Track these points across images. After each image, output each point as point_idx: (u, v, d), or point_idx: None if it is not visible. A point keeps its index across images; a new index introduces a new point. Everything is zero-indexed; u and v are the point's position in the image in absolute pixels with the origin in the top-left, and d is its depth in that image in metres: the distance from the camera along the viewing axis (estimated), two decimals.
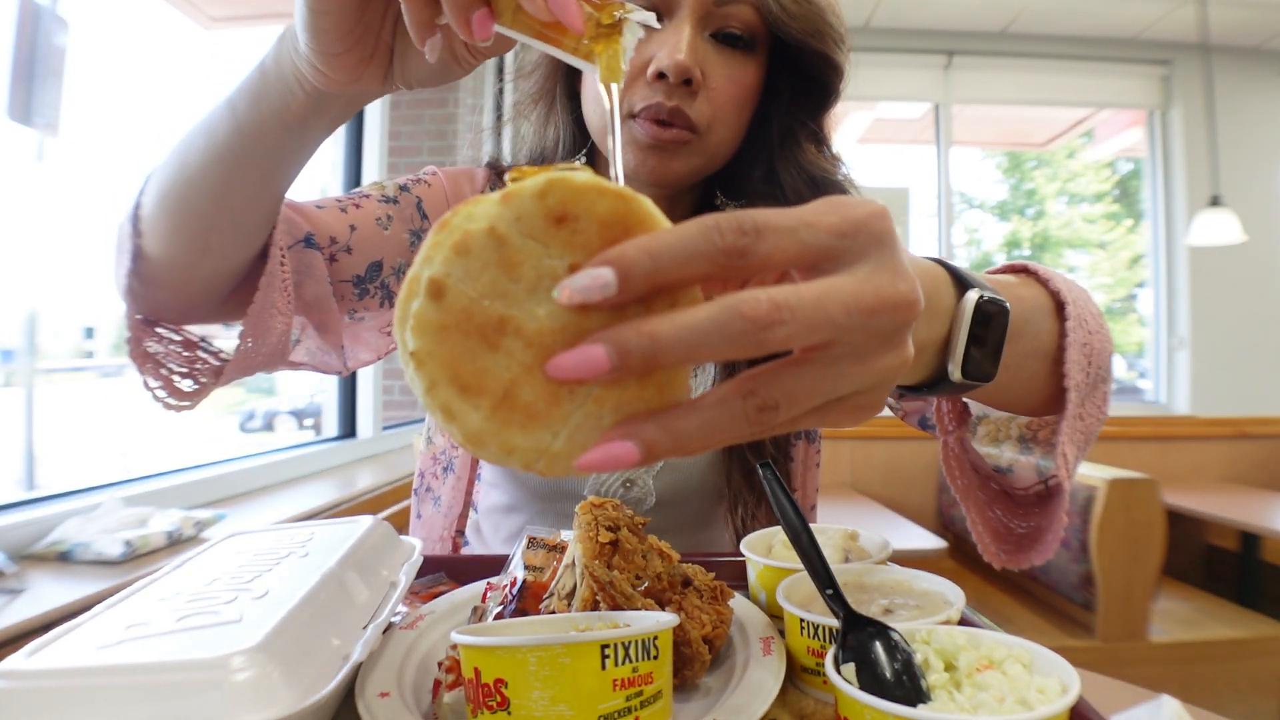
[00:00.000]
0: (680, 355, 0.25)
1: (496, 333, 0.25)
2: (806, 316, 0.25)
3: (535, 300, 0.25)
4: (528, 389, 0.25)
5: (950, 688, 0.36)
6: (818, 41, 0.69)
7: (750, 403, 0.26)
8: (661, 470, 0.77)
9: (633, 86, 0.68)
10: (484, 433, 0.25)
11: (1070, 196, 4.51)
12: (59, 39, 1.24)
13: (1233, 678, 2.14)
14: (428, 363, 0.25)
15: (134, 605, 0.43)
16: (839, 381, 0.28)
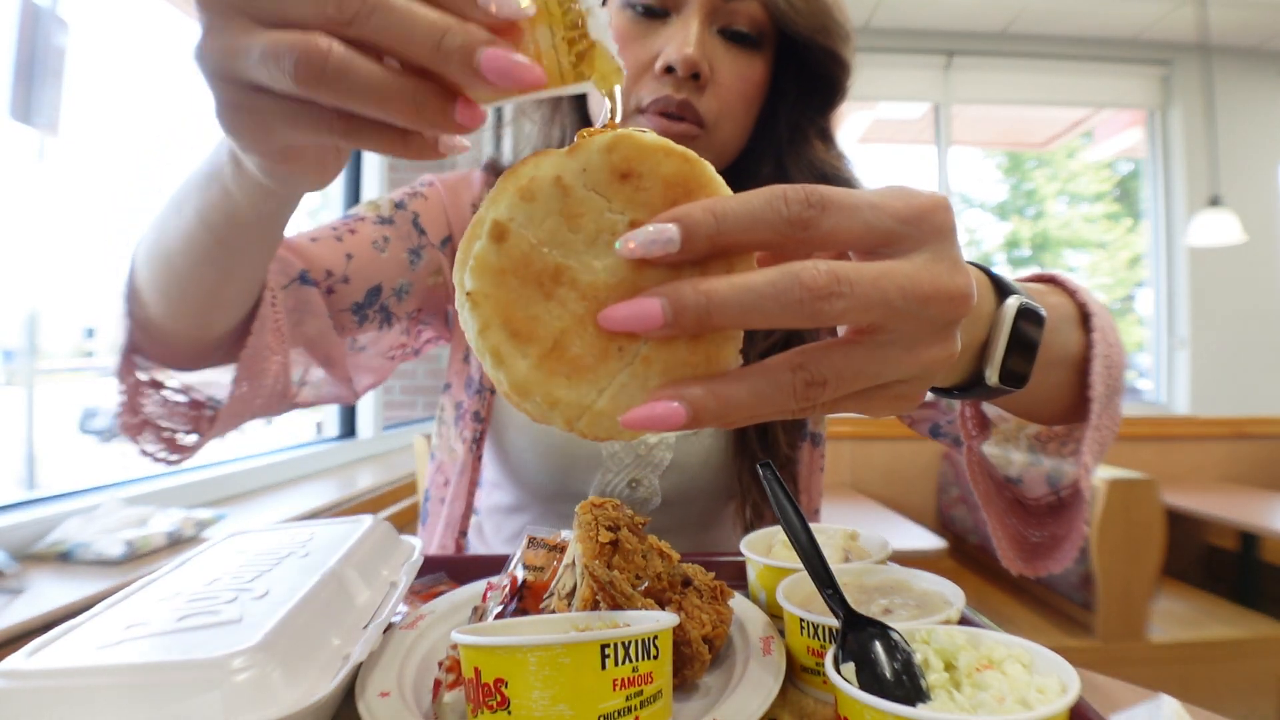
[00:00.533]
0: (734, 316, 0.25)
1: (553, 281, 0.25)
2: (864, 293, 0.26)
3: (593, 253, 0.25)
4: (578, 342, 0.25)
5: (950, 687, 0.37)
6: (824, 38, 0.69)
7: (799, 376, 0.26)
8: (668, 471, 0.77)
9: (640, 81, 0.69)
10: (530, 382, 0.25)
11: (1070, 196, 4.51)
12: (59, 39, 1.24)
13: (1232, 678, 2.14)
14: (483, 304, 0.25)
15: (134, 605, 0.43)
16: (885, 366, 0.28)
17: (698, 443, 0.76)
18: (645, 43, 0.69)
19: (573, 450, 0.76)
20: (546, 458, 0.76)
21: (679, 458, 0.76)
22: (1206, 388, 3.45)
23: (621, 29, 0.70)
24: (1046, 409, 0.50)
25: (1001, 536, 0.56)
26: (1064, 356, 0.46)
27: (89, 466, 1.38)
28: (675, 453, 0.76)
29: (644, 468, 0.76)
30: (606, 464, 0.76)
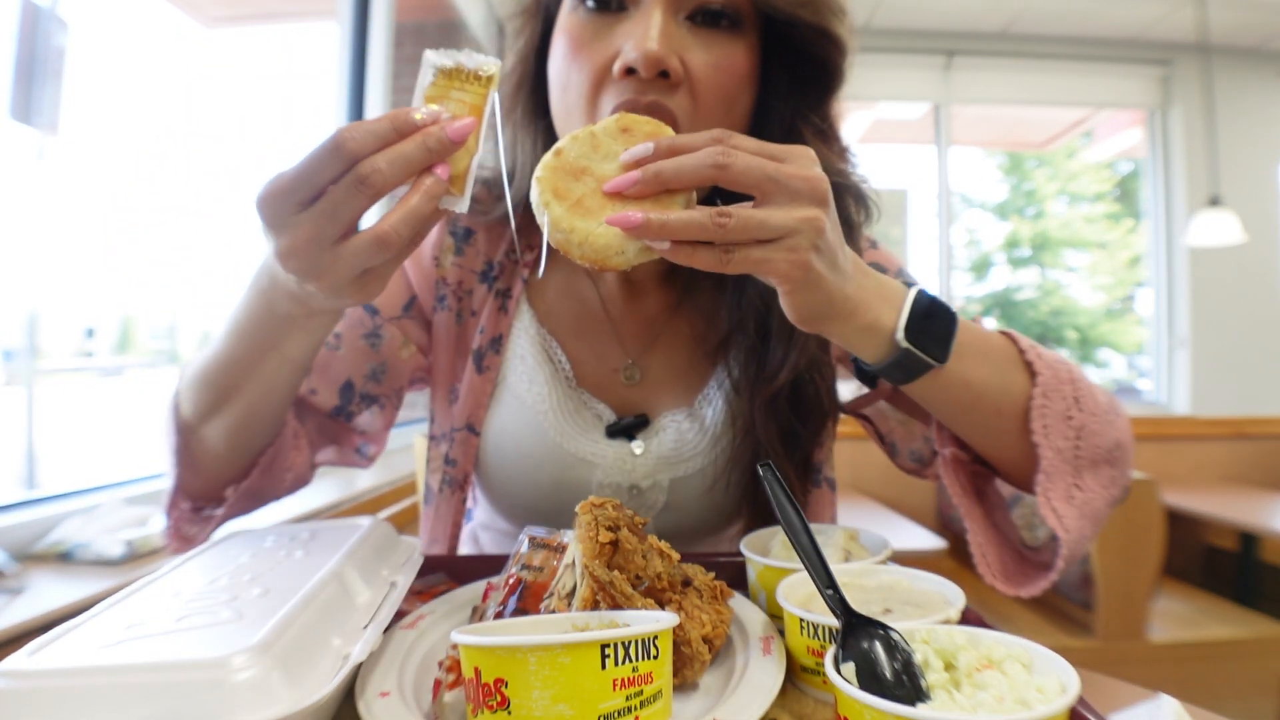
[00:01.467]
0: (673, 175, 0.44)
1: (581, 174, 0.47)
2: (743, 163, 0.44)
3: (604, 162, 0.48)
4: (590, 200, 0.46)
5: (950, 687, 0.37)
6: (810, 13, 0.60)
7: (713, 211, 0.43)
8: (662, 512, 0.73)
9: (600, 91, 0.60)
10: (561, 218, 0.45)
11: (1070, 196, 4.51)
12: (59, 39, 1.24)
13: (1232, 678, 2.14)
14: (542, 183, 0.47)
15: (134, 605, 0.43)
16: (769, 216, 0.43)
17: (692, 486, 0.72)
18: (601, 43, 0.60)
19: (563, 496, 0.71)
20: (537, 504, 0.73)
21: (674, 499, 0.72)
22: (1206, 388, 3.45)
23: (574, 31, 0.62)
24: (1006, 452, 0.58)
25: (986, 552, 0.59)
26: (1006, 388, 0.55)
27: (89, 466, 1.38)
28: (669, 495, 0.72)
29: (638, 510, 0.72)
30: None
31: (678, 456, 0.72)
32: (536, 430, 0.72)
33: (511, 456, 0.73)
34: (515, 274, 0.78)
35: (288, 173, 0.43)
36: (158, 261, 2.11)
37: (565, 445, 0.71)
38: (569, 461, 0.71)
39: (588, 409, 0.73)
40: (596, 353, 0.76)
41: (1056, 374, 0.55)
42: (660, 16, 0.58)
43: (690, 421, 0.72)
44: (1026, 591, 0.58)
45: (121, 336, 2.19)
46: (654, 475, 0.72)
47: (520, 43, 0.70)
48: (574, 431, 0.72)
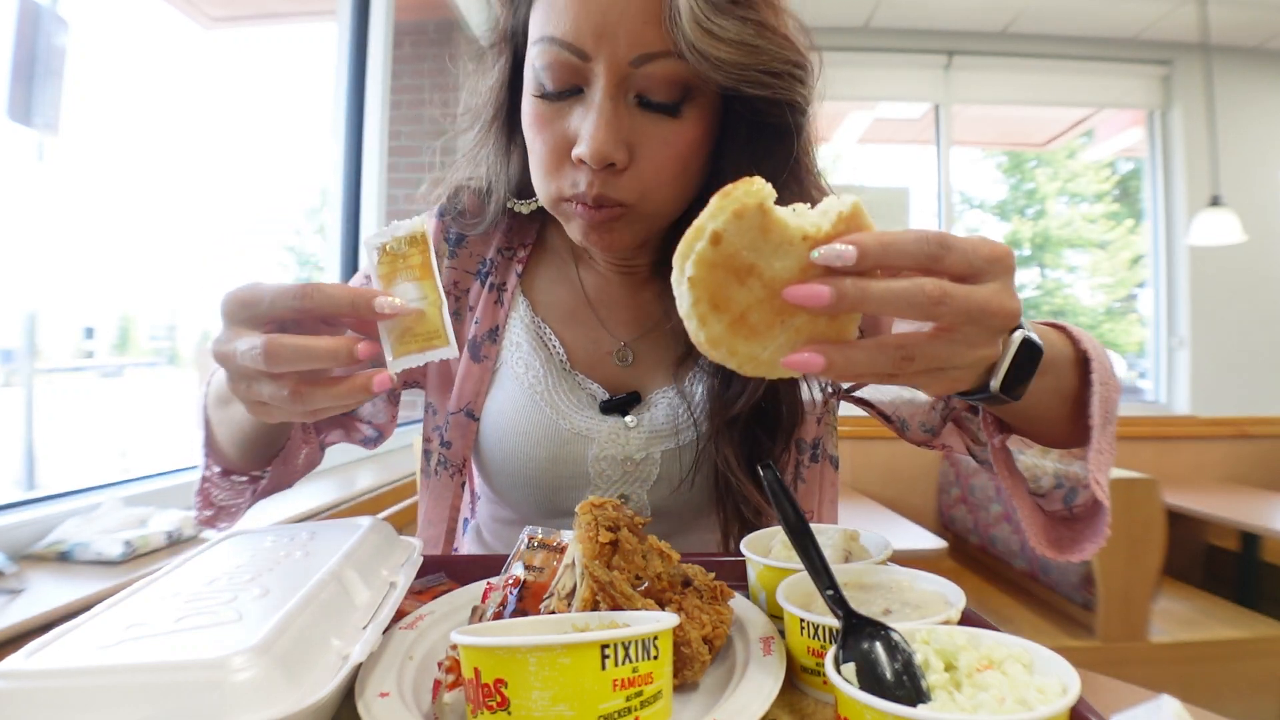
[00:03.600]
0: (875, 306, 0.37)
1: (746, 274, 0.37)
2: (957, 306, 0.38)
3: (777, 256, 0.37)
4: (756, 314, 0.38)
5: (950, 688, 0.36)
6: (756, 88, 0.60)
7: (899, 352, 0.39)
8: (655, 484, 0.75)
9: (560, 167, 0.64)
10: (720, 337, 0.38)
11: (1070, 196, 4.51)
12: (59, 39, 1.23)
13: (1233, 678, 2.14)
14: (697, 286, 0.37)
15: (134, 605, 0.43)
16: (954, 355, 0.40)
17: (681, 457, 0.75)
18: (559, 125, 0.63)
19: (560, 470, 0.75)
20: (536, 480, 0.75)
21: (665, 471, 0.75)
22: (1206, 388, 3.45)
23: (535, 114, 0.64)
24: (1050, 432, 0.59)
25: (1031, 524, 0.61)
26: (1059, 388, 0.55)
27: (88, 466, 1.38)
28: (662, 467, 0.75)
29: (633, 482, 0.75)
30: (595, 482, 0.75)
31: (668, 429, 0.75)
32: (534, 409, 0.75)
33: (510, 436, 0.76)
34: (510, 269, 0.82)
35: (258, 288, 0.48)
36: (158, 261, 2.11)
37: (561, 422, 0.75)
38: (565, 437, 0.75)
39: (582, 389, 0.77)
40: (590, 338, 0.79)
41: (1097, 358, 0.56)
42: (608, 105, 0.60)
43: (680, 399, 0.76)
44: (1078, 556, 0.60)
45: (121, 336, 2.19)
46: (647, 448, 0.75)
47: (494, 72, 0.73)
48: (569, 409, 0.76)
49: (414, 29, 2.71)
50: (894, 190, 3.68)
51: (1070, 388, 0.55)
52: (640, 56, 0.59)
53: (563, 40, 0.60)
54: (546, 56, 0.61)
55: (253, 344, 0.46)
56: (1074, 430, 0.57)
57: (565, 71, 0.61)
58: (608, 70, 0.59)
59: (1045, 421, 0.57)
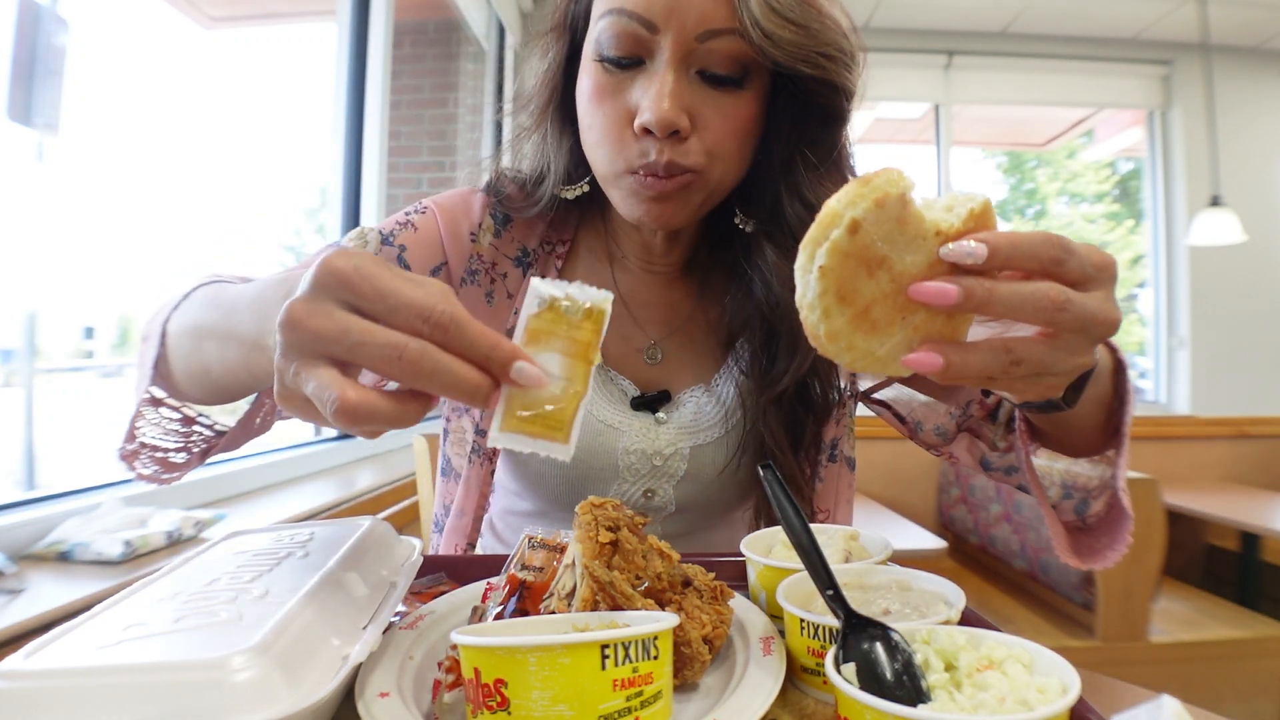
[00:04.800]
0: (1001, 309, 0.37)
1: (877, 266, 0.36)
2: (1075, 314, 0.38)
3: (910, 250, 0.36)
4: (879, 309, 0.37)
5: (950, 688, 0.36)
6: (810, 67, 0.63)
7: (1009, 355, 0.38)
8: (682, 481, 0.77)
9: (622, 139, 0.65)
10: (841, 331, 0.37)
11: (1071, 196, 4.51)
12: (59, 39, 1.23)
13: (1233, 678, 2.14)
14: (828, 275, 0.35)
15: (134, 605, 0.43)
16: (1056, 361, 0.39)
17: (711, 454, 0.77)
18: (621, 97, 0.65)
19: (590, 461, 0.76)
20: (564, 470, 0.76)
21: (693, 467, 0.76)
22: (1206, 388, 3.45)
23: (596, 85, 0.66)
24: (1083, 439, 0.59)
25: (1057, 533, 0.62)
26: (1096, 396, 0.54)
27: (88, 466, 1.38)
28: (689, 463, 0.76)
29: (659, 478, 0.77)
30: (623, 475, 0.76)
31: (697, 426, 0.77)
32: None
33: None
34: (549, 263, 0.82)
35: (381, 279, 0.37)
36: (158, 261, 2.11)
37: (593, 412, 0.76)
38: (597, 428, 0.76)
39: (614, 384, 0.79)
40: (621, 335, 0.80)
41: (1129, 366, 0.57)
42: (672, 76, 0.62)
43: (708, 396, 0.78)
44: (1101, 564, 0.60)
45: (121, 336, 2.19)
46: (675, 443, 0.76)
47: (548, 59, 0.74)
48: (601, 402, 0.77)
49: (414, 29, 2.71)
50: None
51: (1106, 396, 0.55)
52: (706, 32, 0.62)
53: (633, 12, 0.62)
54: (615, 28, 0.63)
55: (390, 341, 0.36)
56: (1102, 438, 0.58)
57: (630, 42, 0.63)
58: (674, 43, 0.62)
59: (1082, 430, 0.57)
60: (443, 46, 2.81)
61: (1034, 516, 2.40)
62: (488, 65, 2.98)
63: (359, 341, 0.36)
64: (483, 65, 2.97)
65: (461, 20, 2.71)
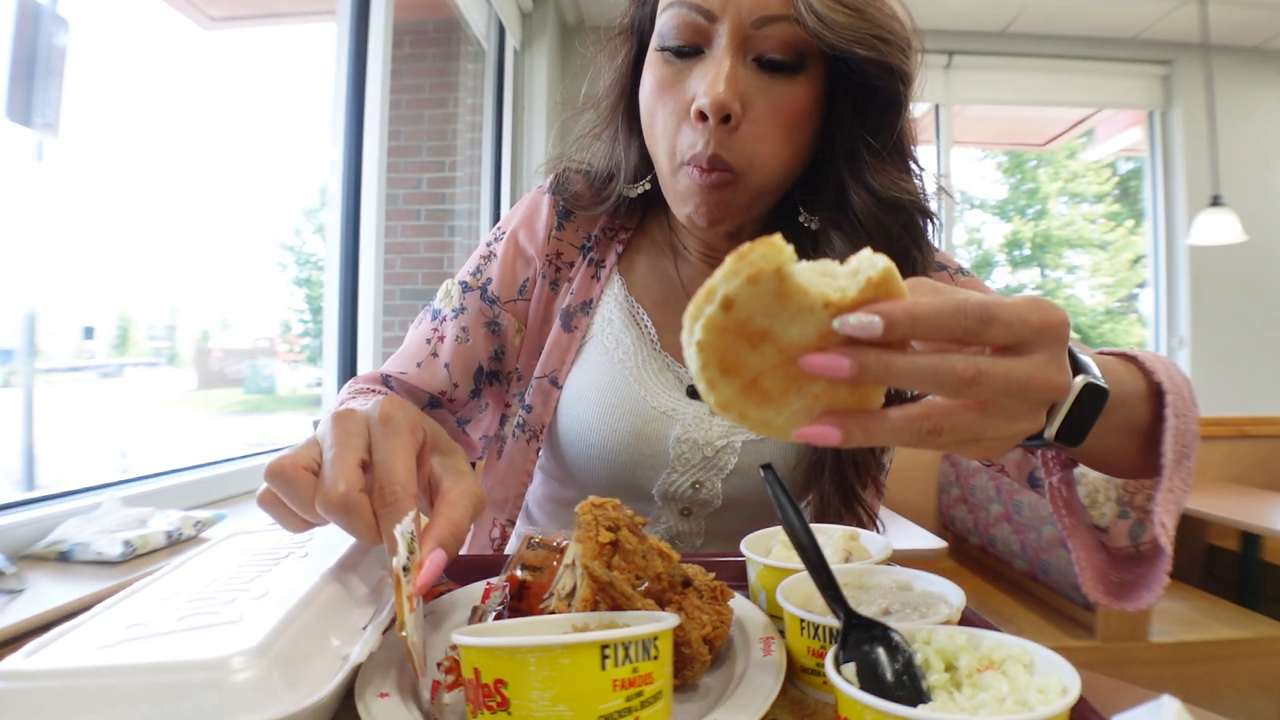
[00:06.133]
0: (900, 381, 0.34)
1: (759, 340, 0.34)
2: (994, 384, 0.34)
3: (795, 323, 0.34)
4: (769, 380, 0.35)
5: (950, 688, 0.36)
6: (865, 49, 0.64)
7: (925, 424, 0.35)
8: (731, 474, 0.76)
9: (679, 129, 0.68)
10: (731, 402, 0.35)
11: (1071, 196, 4.51)
12: (59, 39, 1.23)
13: (1233, 678, 2.14)
14: (705, 350, 0.34)
15: (134, 605, 0.43)
16: (988, 429, 0.36)
17: (764, 450, 0.76)
18: (681, 86, 0.67)
19: (641, 448, 0.76)
20: (614, 455, 0.77)
21: (743, 462, 0.76)
22: (1206, 388, 3.44)
23: (659, 77, 0.69)
24: (1118, 466, 0.55)
25: (1086, 566, 0.57)
26: (1130, 424, 0.51)
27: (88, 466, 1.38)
28: (740, 458, 0.76)
29: (709, 470, 0.76)
30: (673, 464, 0.76)
31: None
32: (621, 383, 0.77)
33: (593, 408, 0.77)
34: (610, 248, 0.84)
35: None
36: (157, 261, 2.11)
37: (648, 399, 0.77)
38: (650, 415, 0.76)
39: (670, 370, 0.79)
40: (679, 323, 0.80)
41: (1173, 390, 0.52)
42: (729, 63, 0.64)
43: None
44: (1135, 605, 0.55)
45: (120, 336, 2.19)
46: (728, 436, 0.76)
47: (618, 61, 0.78)
48: (657, 388, 0.77)
49: (414, 29, 2.71)
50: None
51: (1142, 422, 0.51)
52: (762, 18, 0.64)
53: (692, 2, 0.65)
54: (676, 19, 0.67)
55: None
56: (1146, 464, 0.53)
57: (690, 31, 0.66)
58: (731, 30, 0.64)
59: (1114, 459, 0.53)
60: (443, 46, 2.81)
61: (1034, 517, 2.40)
62: (488, 65, 2.98)
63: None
64: (483, 65, 2.97)
65: (461, 20, 2.71)
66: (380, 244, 2.07)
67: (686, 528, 0.79)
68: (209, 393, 2.65)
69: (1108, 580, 0.57)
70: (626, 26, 0.76)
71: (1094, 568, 0.57)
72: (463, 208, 2.80)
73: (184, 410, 2.59)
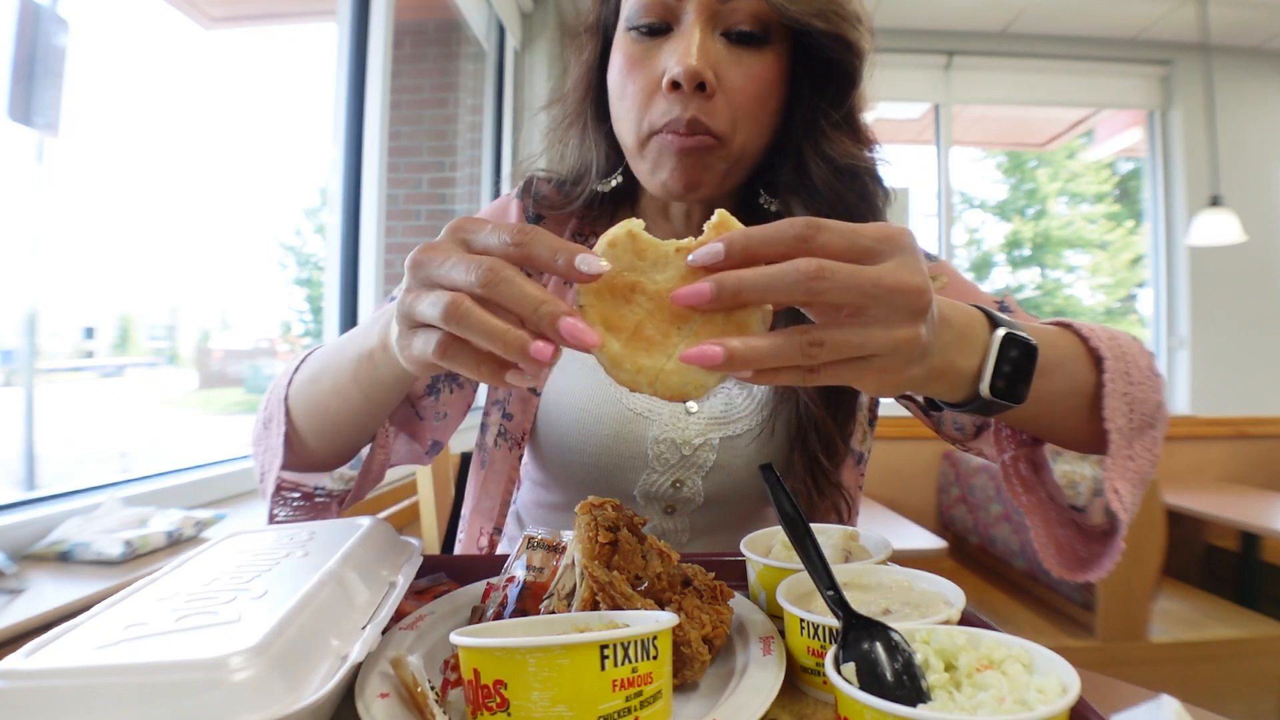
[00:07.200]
0: (756, 293, 0.37)
1: (631, 292, 0.39)
2: (842, 280, 0.37)
3: (657, 270, 0.39)
4: (650, 327, 0.39)
5: (950, 688, 0.36)
6: (824, 22, 0.66)
7: (805, 338, 0.37)
8: (711, 472, 0.77)
9: (650, 101, 0.68)
10: (622, 356, 0.38)
11: (1071, 197, 4.51)
12: (59, 39, 1.23)
13: (1233, 678, 2.14)
14: (588, 312, 0.39)
15: (133, 605, 0.43)
16: (867, 339, 0.38)
17: (741, 446, 0.76)
18: (651, 63, 0.68)
19: (619, 450, 0.76)
20: (594, 458, 0.77)
21: (722, 459, 0.76)
22: (1206, 388, 3.45)
23: (628, 55, 0.70)
24: (1071, 436, 0.58)
25: (1047, 542, 0.60)
26: (1074, 389, 0.54)
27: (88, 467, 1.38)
28: (719, 454, 0.76)
29: (688, 469, 0.77)
30: (652, 464, 0.76)
31: (727, 418, 0.77)
32: (597, 387, 0.78)
33: (571, 413, 0.78)
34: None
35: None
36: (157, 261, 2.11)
37: (623, 400, 0.77)
38: (627, 416, 0.77)
39: None
40: None
41: (1115, 355, 0.56)
42: (699, 34, 0.66)
43: (739, 388, 0.78)
44: (1094, 575, 0.58)
45: (121, 336, 2.19)
46: (705, 434, 0.77)
47: (584, 58, 0.78)
48: None
49: (414, 29, 2.71)
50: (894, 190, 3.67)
51: (1088, 386, 0.55)
52: None
53: None
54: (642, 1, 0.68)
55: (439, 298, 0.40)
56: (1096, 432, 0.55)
57: (658, 9, 0.68)
58: (699, 5, 0.66)
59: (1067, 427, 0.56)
60: (443, 47, 2.81)
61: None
62: (488, 65, 2.98)
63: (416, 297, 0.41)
64: (483, 65, 2.97)
65: (461, 20, 2.71)
66: (380, 244, 2.07)
67: (671, 526, 0.79)
68: (209, 393, 2.65)
69: (1074, 555, 0.60)
70: (592, 24, 0.77)
71: (1055, 544, 0.60)
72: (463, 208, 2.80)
73: (184, 410, 2.59)
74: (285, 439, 0.65)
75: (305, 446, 0.67)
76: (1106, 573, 0.57)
